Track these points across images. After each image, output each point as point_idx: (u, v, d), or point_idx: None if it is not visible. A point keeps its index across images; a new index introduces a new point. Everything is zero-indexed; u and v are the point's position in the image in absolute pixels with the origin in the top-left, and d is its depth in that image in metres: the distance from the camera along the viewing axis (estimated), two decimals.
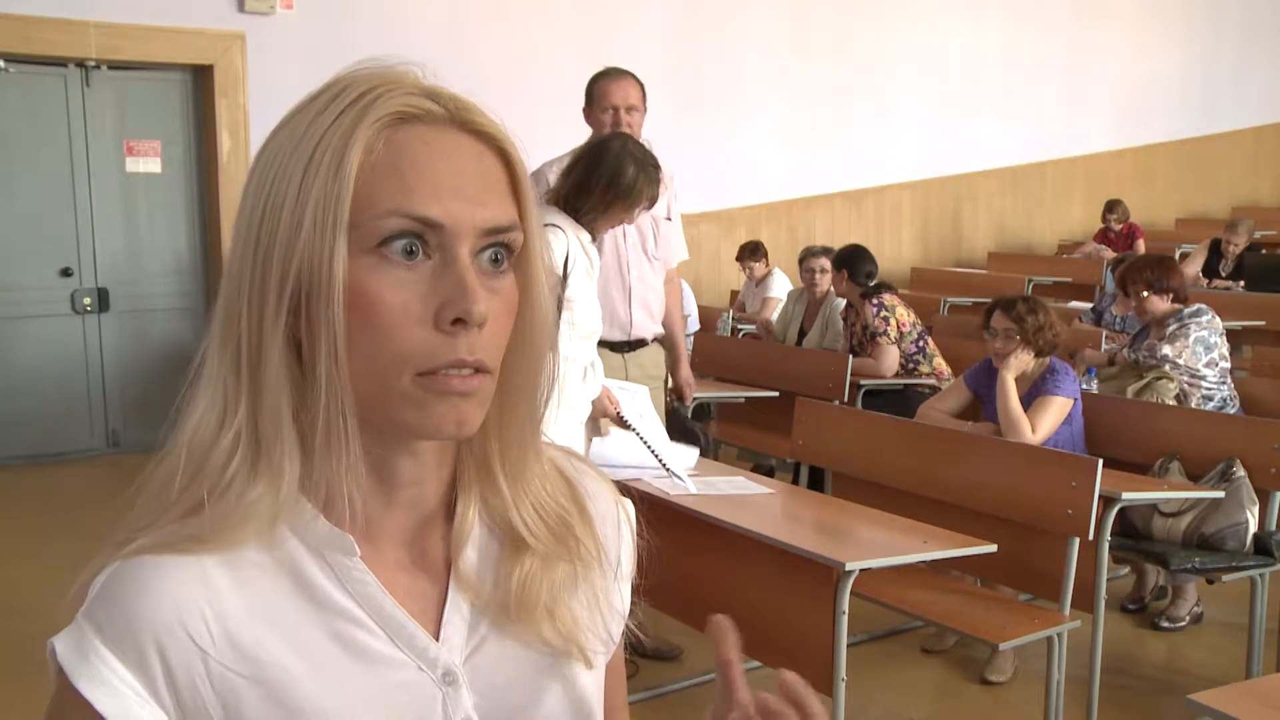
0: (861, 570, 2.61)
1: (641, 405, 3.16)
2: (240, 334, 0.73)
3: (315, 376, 0.71)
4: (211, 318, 0.75)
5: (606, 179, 2.97)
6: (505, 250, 0.74)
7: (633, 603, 0.91)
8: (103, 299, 6.27)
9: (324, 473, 0.73)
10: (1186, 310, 4.34)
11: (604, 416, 3.08)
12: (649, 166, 3.02)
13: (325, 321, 0.70)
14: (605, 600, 0.86)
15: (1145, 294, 4.35)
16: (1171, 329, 4.31)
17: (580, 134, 3.85)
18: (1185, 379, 4.22)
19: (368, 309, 0.70)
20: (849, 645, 2.69)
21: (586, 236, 2.98)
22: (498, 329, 0.74)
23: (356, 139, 0.70)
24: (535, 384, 0.80)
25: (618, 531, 0.90)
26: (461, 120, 0.74)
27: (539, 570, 0.81)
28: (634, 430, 3.07)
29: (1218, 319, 4.37)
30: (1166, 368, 4.22)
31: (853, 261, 5.32)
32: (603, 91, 3.77)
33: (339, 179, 0.70)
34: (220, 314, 0.74)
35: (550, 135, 7.85)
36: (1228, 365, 4.35)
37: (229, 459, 0.73)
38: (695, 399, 4.88)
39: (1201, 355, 4.25)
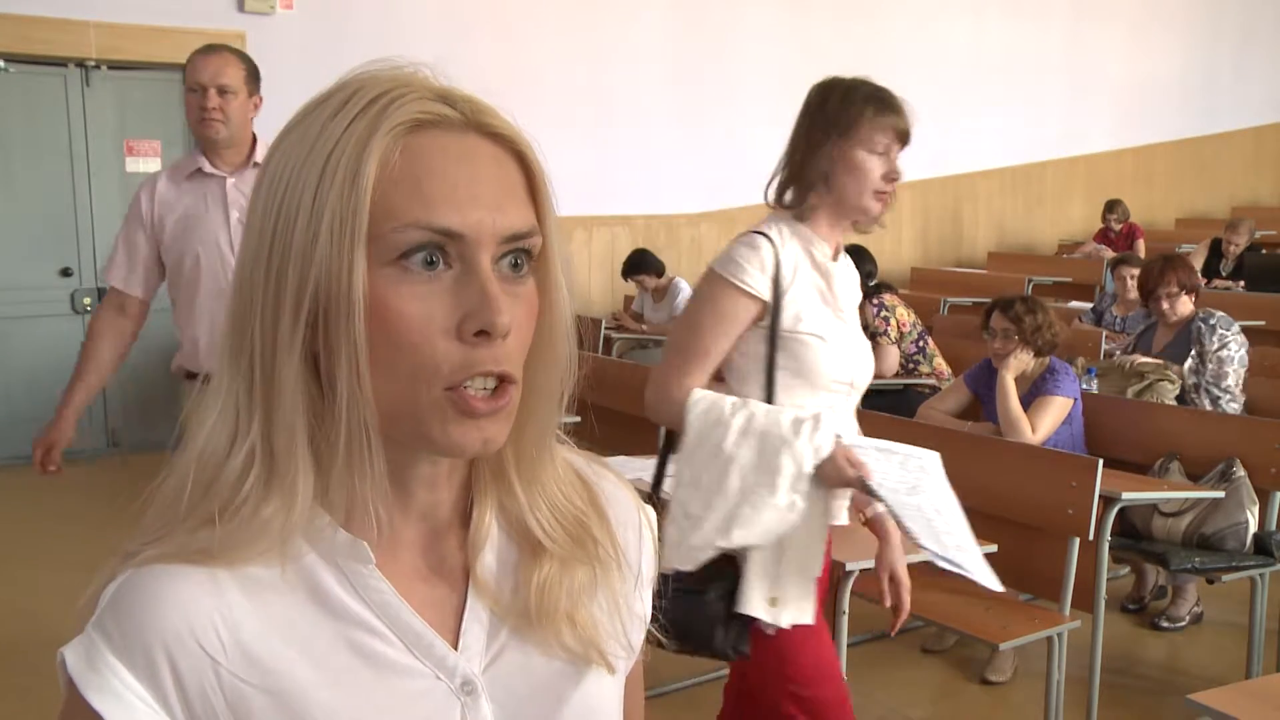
0: (861, 570, 2.61)
1: (918, 478, 2.13)
2: (253, 348, 0.71)
3: (335, 392, 0.69)
4: (222, 329, 0.74)
5: (808, 130, 2.14)
6: (525, 255, 0.73)
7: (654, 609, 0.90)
8: (103, 299, 6.26)
9: (344, 488, 0.72)
10: (1217, 319, 4.34)
11: (839, 486, 2.02)
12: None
13: (346, 336, 0.68)
14: (626, 605, 0.84)
15: (1182, 296, 4.37)
16: (1208, 339, 4.29)
17: (580, 133, 3.83)
18: (1213, 389, 4.23)
19: (390, 322, 0.68)
20: (849, 645, 2.69)
21: (824, 248, 2.16)
22: (521, 335, 0.72)
23: (372, 148, 0.68)
24: (555, 388, 0.78)
25: (639, 537, 0.88)
26: (477, 124, 0.72)
27: (558, 574, 0.79)
28: (887, 505, 2.01)
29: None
30: (1229, 381, 4.23)
31: (852, 261, 5.31)
32: (191, 67, 2.99)
33: (355, 191, 0.68)
34: (231, 327, 0.72)
35: (551, 135, 7.85)
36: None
37: (242, 477, 0.71)
38: None
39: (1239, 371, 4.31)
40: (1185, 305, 4.38)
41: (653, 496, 2.21)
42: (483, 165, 0.71)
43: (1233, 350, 4.28)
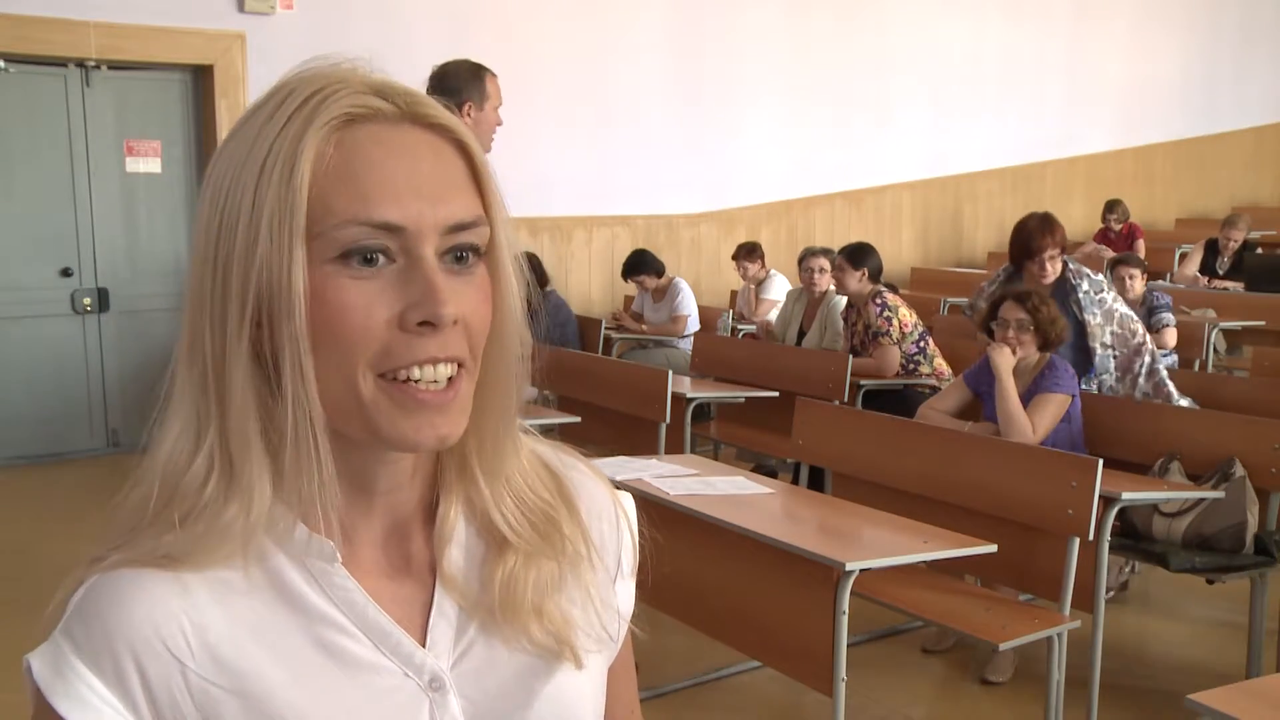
0: (861, 570, 2.61)
1: None
2: (205, 353, 0.71)
3: (282, 392, 0.69)
4: (179, 335, 0.74)
5: None
6: (472, 249, 0.72)
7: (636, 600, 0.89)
8: (103, 299, 6.27)
9: (296, 487, 0.72)
10: (1085, 274, 4.26)
11: None
12: None
13: (288, 335, 0.68)
14: (600, 598, 0.84)
15: (1060, 257, 4.24)
16: (1079, 290, 4.22)
17: (583, 133, 3.82)
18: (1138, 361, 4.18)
19: (331, 318, 0.68)
20: (849, 645, 2.69)
21: None
22: (476, 322, 0.72)
23: (306, 145, 0.68)
24: (508, 378, 0.78)
25: (615, 528, 0.88)
26: (413, 115, 0.72)
27: (523, 568, 0.79)
28: None
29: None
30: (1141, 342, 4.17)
31: (865, 258, 5.31)
32: (497, 90, 3.42)
33: (291, 189, 0.67)
34: (185, 333, 0.73)
35: (551, 135, 7.86)
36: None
37: (204, 481, 0.71)
38: (694, 399, 4.89)
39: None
40: (1059, 265, 4.26)
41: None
42: (421, 157, 0.71)
43: (1110, 300, 4.19)
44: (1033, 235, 4.25)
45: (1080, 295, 4.20)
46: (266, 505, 0.71)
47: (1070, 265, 4.28)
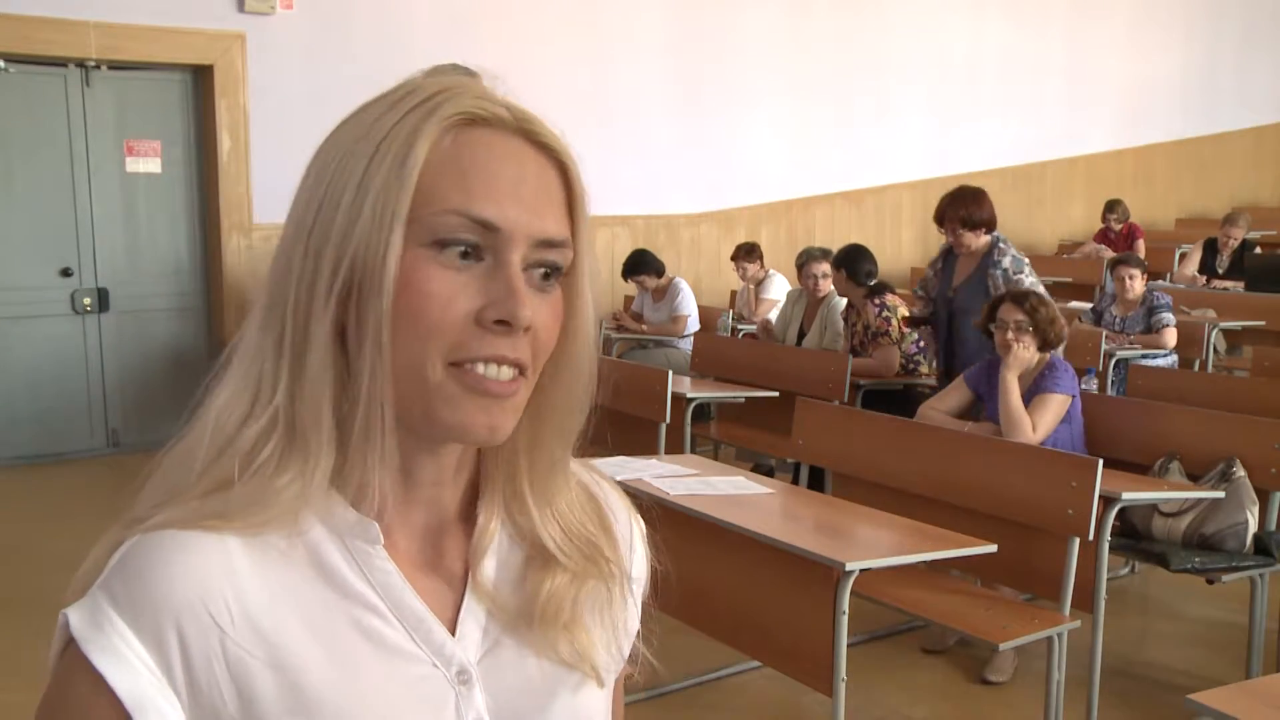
0: (861, 570, 2.61)
1: None
2: (286, 319, 0.73)
3: (359, 366, 0.71)
4: (255, 302, 0.75)
5: None
6: (555, 269, 0.75)
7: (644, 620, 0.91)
8: (103, 299, 6.27)
9: (357, 464, 0.73)
10: (1008, 252, 4.30)
11: None
12: None
13: (373, 311, 0.70)
14: (622, 623, 0.86)
15: (965, 232, 4.28)
16: (998, 265, 4.26)
17: (580, 133, 3.81)
18: None
19: (414, 302, 0.70)
20: (849, 645, 2.69)
21: None
22: (544, 339, 0.74)
23: (424, 134, 0.71)
24: (573, 403, 0.79)
25: (630, 548, 0.89)
26: (525, 130, 0.75)
27: (567, 586, 0.81)
28: None
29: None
30: None
31: (851, 262, 5.32)
32: None
33: (403, 172, 0.70)
34: (265, 298, 0.74)
35: None
36: None
37: (261, 442, 0.72)
38: (695, 399, 4.89)
39: None
40: (973, 240, 4.28)
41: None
42: (527, 168, 0.74)
43: (1028, 285, 4.17)
44: (943, 205, 4.34)
45: (998, 272, 4.24)
46: (326, 477, 0.73)
47: (1000, 241, 4.32)
